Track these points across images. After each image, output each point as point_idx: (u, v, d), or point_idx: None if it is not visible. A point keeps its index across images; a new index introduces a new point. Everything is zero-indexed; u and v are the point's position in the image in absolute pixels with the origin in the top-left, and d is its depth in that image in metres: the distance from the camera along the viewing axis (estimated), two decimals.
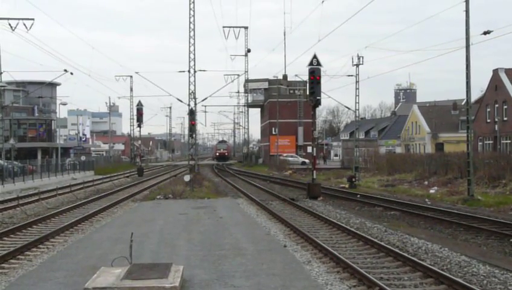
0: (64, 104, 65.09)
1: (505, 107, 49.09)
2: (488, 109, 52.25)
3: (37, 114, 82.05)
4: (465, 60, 26.87)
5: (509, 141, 47.95)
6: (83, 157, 65.56)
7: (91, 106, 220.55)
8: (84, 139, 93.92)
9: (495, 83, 50.90)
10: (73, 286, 10.13)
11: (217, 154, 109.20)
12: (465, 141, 29.18)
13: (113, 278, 9.64)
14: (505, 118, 48.82)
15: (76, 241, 15.78)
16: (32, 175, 43.80)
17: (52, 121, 74.76)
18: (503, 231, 17.22)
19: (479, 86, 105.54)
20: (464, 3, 26.39)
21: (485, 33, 25.83)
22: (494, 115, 50.09)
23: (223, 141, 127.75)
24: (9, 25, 38.18)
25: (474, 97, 54.70)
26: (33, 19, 38.48)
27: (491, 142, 51.16)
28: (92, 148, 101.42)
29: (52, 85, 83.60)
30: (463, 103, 57.29)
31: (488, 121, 51.85)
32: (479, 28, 72.20)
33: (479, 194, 27.39)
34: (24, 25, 38.18)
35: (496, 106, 50.38)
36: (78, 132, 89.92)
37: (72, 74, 46.16)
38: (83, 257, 13.14)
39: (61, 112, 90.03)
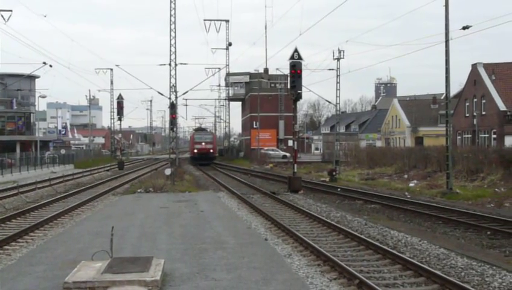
0: (44, 97, 64.70)
1: (484, 101, 49.62)
2: (467, 104, 52.76)
3: (15, 107, 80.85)
4: (445, 55, 27.10)
5: (487, 135, 48.51)
6: (62, 151, 64.85)
7: (71, 99, 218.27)
8: (63, 133, 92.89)
9: (474, 78, 51.40)
10: (53, 280, 10.07)
11: (195, 150, 67.60)
12: (445, 134, 29.46)
13: (94, 272, 9.60)
14: (484, 113, 49.36)
15: (56, 236, 15.67)
16: (11, 169, 43.29)
17: (31, 114, 73.87)
18: (481, 223, 17.50)
19: (458, 81, 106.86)
20: None
21: (464, 28, 26.03)
22: (473, 109, 50.62)
23: (202, 129, 76.98)
24: None
25: (453, 92, 55.17)
26: (11, 10, 37.99)
27: (469, 136, 51.71)
28: (72, 142, 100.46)
29: (31, 78, 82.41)
30: (442, 97, 57.85)
31: (467, 115, 52.37)
32: (459, 23, 72.90)
33: (457, 188, 27.72)
34: (1, 16, 37.62)
35: (475, 100, 50.89)
36: (57, 125, 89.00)
37: (51, 66, 45.77)
38: (63, 251, 13.06)
39: (41, 105, 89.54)
